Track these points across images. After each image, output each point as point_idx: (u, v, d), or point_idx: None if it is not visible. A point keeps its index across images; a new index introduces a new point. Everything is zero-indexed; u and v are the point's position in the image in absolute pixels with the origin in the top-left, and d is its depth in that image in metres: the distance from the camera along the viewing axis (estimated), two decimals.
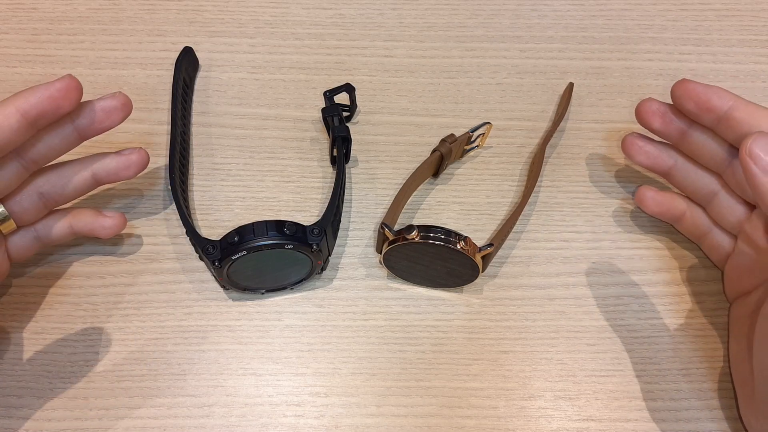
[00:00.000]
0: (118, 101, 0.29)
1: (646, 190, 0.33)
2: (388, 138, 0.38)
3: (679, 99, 0.29)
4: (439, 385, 0.30)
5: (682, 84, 0.29)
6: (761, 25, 0.43)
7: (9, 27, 0.41)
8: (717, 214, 0.31)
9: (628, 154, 0.33)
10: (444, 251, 0.29)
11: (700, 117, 0.29)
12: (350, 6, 0.43)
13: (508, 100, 0.39)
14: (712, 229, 0.32)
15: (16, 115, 0.26)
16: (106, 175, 0.31)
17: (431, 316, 0.32)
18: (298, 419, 0.29)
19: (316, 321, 0.32)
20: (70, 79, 0.27)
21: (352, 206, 0.35)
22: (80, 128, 0.29)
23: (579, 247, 0.34)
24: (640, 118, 0.32)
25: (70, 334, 0.31)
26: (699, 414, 0.30)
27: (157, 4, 0.43)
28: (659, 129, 0.31)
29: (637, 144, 0.33)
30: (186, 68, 0.38)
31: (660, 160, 0.32)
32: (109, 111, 0.29)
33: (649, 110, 0.31)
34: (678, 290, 0.33)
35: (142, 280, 0.33)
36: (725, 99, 0.28)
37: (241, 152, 0.37)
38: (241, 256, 0.28)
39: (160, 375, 0.30)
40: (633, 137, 0.33)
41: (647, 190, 0.33)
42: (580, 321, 0.32)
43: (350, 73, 0.40)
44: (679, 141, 0.31)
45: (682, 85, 0.29)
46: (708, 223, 0.32)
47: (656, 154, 0.32)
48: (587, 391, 0.30)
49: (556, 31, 0.42)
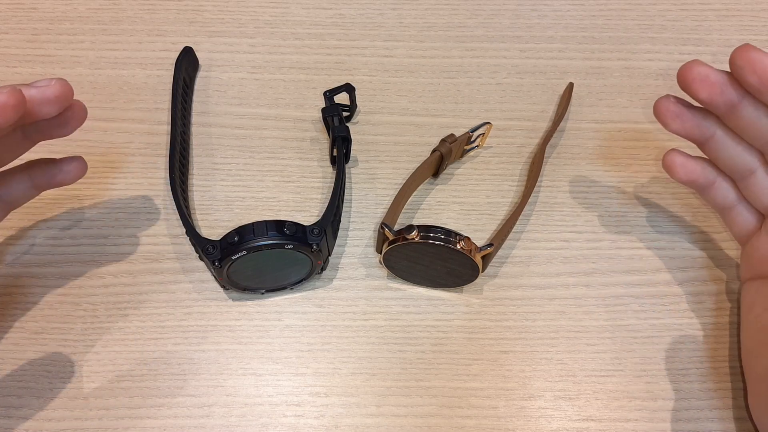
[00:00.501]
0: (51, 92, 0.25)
1: (675, 155, 0.30)
2: (388, 138, 0.38)
3: (740, 69, 0.25)
4: (439, 385, 0.30)
5: (745, 51, 0.25)
6: (761, 25, 0.43)
7: (9, 27, 0.41)
8: (750, 193, 0.29)
9: (663, 121, 0.28)
10: (444, 251, 0.29)
11: (761, 93, 0.25)
12: (350, 6, 0.43)
13: (508, 100, 0.39)
14: (739, 203, 0.30)
15: None
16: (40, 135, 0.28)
17: (431, 316, 0.32)
18: (298, 419, 0.29)
19: (316, 321, 0.32)
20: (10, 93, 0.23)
21: (352, 206, 0.35)
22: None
23: (579, 247, 0.34)
24: (685, 84, 0.26)
25: (70, 334, 0.31)
26: (699, 414, 0.30)
27: (157, 4, 0.43)
28: (706, 98, 0.26)
29: (673, 109, 0.28)
30: (186, 68, 0.38)
31: (699, 129, 0.28)
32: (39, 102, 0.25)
33: (698, 76, 0.26)
34: (678, 290, 0.33)
35: (142, 280, 0.33)
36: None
37: (241, 152, 0.37)
38: (241, 256, 0.28)
39: (160, 375, 0.30)
40: (667, 101, 0.28)
41: (676, 155, 0.30)
42: (580, 321, 0.32)
43: (350, 73, 0.40)
44: (726, 114, 0.27)
45: (745, 53, 0.25)
46: (735, 197, 0.30)
47: (695, 123, 0.28)
48: (587, 391, 0.30)
49: (556, 31, 0.42)
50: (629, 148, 0.38)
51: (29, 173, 0.30)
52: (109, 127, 0.37)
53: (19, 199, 0.30)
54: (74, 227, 0.34)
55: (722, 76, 0.26)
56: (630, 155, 0.37)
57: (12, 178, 0.29)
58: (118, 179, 0.36)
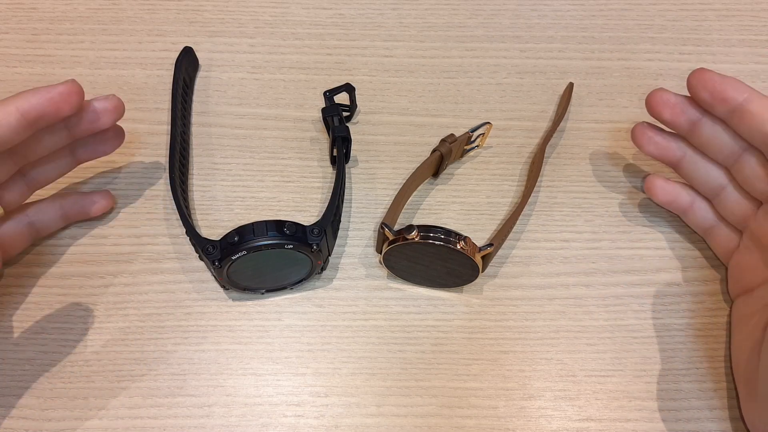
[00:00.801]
0: (110, 103, 0.29)
1: (655, 178, 0.33)
2: (388, 138, 0.38)
3: (694, 88, 0.29)
4: (439, 385, 0.30)
5: (699, 73, 0.29)
6: (761, 25, 0.43)
7: (9, 27, 0.41)
8: (723, 209, 0.31)
9: (638, 144, 0.32)
10: (444, 251, 0.29)
11: (713, 107, 0.29)
12: (350, 6, 0.43)
13: (508, 100, 0.39)
14: (717, 223, 0.32)
15: (15, 114, 0.26)
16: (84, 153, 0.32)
17: (431, 316, 0.32)
18: (298, 419, 0.29)
19: (316, 321, 0.32)
20: (72, 84, 0.27)
21: (352, 206, 0.35)
22: (71, 127, 0.29)
23: (579, 247, 0.34)
24: (650, 109, 0.31)
25: (70, 334, 0.31)
26: (699, 414, 0.30)
27: (157, 4, 0.43)
28: (669, 119, 0.30)
29: (647, 134, 0.32)
30: (186, 68, 0.38)
31: (669, 151, 0.32)
32: (101, 112, 0.29)
33: (660, 100, 0.30)
34: (678, 290, 0.33)
35: (142, 280, 0.33)
36: (740, 90, 0.28)
37: (241, 152, 0.37)
38: (241, 256, 0.28)
39: (160, 375, 0.30)
40: (643, 127, 0.32)
41: (656, 178, 0.33)
42: (580, 321, 0.32)
43: (350, 73, 0.40)
44: (689, 132, 0.31)
45: (699, 74, 0.28)
46: (714, 217, 0.32)
47: (666, 145, 0.32)
48: (587, 391, 0.30)
49: (556, 31, 0.42)
50: (629, 148, 0.38)
51: (61, 203, 0.32)
52: None
53: (48, 227, 0.32)
54: (74, 227, 0.34)
55: (681, 98, 0.30)
56: (630, 155, 0.37)
57: (44, 205, 0.32)
58: (118, 179, 0.36)
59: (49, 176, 0.31)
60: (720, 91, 0.28)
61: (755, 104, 0.27)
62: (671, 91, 0.30)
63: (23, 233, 0.31)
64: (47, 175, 0.31)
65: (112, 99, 0.30)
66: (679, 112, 0.30)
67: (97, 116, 0.29)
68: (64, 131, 0.29)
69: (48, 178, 0.31)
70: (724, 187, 0.31)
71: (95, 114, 0.29)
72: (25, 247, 0.32)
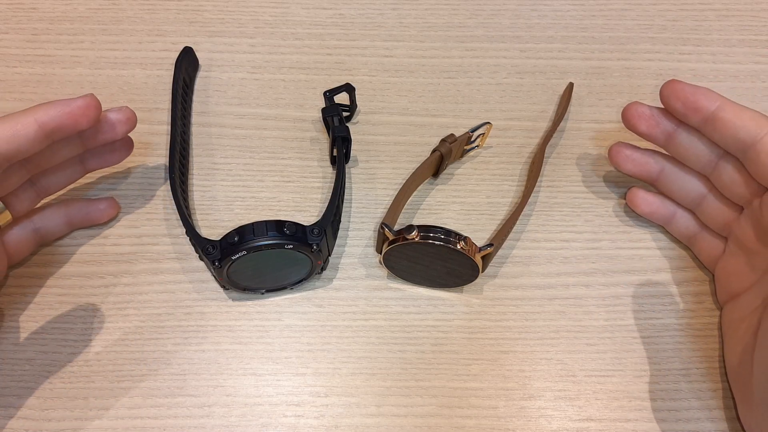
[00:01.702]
0: (123, 115, 0.30)
1: (637, 190, 0.34)
2: (388, 138, 0.38)
3: (667, 99, 0.29)
4: (439, 385, 0.30)
5: (670, 84, 0.29)
6: (761, 25, 0.43)
7: (9, 27, 0.41)
8: (706, 217, 0.32)
9: (615, 164, 0.33)
10: (444, 251, 0.29)
11: (687, 117, 0.29)
12: (350, 6, 0.43)
13: (508, 100, 0.39)
14: (701, 231, 0.33)
15: (34, 126, 0.26)
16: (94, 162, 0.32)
17: (431, 316, 0.32)
18: (298, 419, 0.29)
19: (316, 321, 0.32)
20: (91, 99, 0.27)
21: (352, 206, 0.35)
22: (86, 139, 0.30)
23: (579, 247, 0.34)
24: (626, 122, 0.31)
25: (70, 334, 0.31)
26: (699, 414, 0.30)
27: (157, 4, 0.43)
28: (645, 132, 0.31)
29: (624, 152, 0.33)
30: (186, 68, 0.38)
31: (648, 166, 0.32)
32: (115, 124, 0.30)
33: (635, 113, 0.31)
34: (678, 290, 0.33)
35: (142, 280, 0.33)
36: (712, 99, 0.28)
37: (241, 152, 0.37)
38: (241, 256, 0.28)
39: (160, 375, 0.30)
40: (618, 146, 0.33)
41: (638, 190, 0.34)
42: (580, 321, 0.32)
43: (350, 73, 0.40)
44: (665, 144, 0.31)
45: (670, 85, 0.29)
46: (697, 226, 0.33)
47: (643, 161, 0.32)
48: (587, 391, 0.30)
49: (556, 31, 0.42)
50: None
51: (66, 209, 0.32)
52: None
53: (53, 234, 0.32)
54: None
55: (656, 110, 0.31)
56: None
57: (50, 211, 0.32)
58: (118, 179, 0.36)
59: (58, 184, 0.32)
60: (692, 102, 0.28)
61: (727, 112, 0.28)
62: (646, 104, 0.31)
63: (29, 239, 0.31)
64: (57, 184, 0.31)
65: (125, 111, 0.30)
66: (654, 124, 0.31)
67: (111, 128, 0.30)
68: (78, 142, 0.30)
69: (57, 186, 0.32)
70: (704, 196, 0.31)
71: (109, 125, 0.30)
72: (30, 252, 0.32)
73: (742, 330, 0.29)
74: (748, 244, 0.29)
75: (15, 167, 0.28)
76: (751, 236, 0.29)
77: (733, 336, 0.30)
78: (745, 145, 0.27)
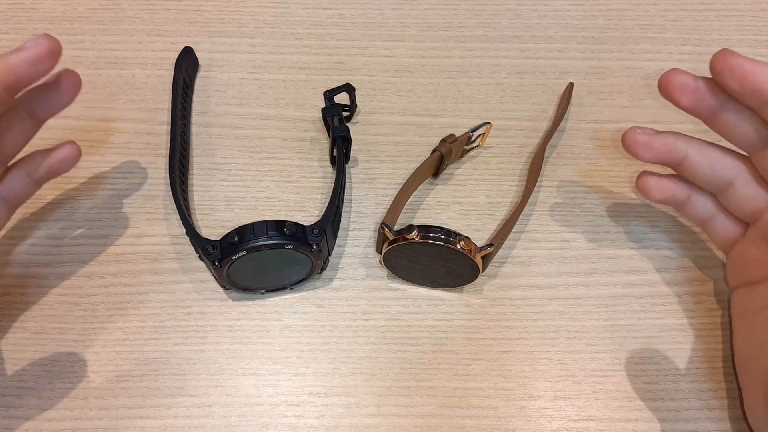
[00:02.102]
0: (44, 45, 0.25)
1: (647, 177, 0.30)
2: (388, 138, 0.38)
3: (720, 75, 0.25)
4: (439, 385, 0.30)
5: (725, 56, 0.25)
6: (761, 25, 0.43)
7: (9, 27, 0.41)
8: (732, 203, 0.29)
9: (634, 153, 0.29)
10: (444, 251, 0.29)
11: (743, 97, 0.25)
12: (350, 6, 0.43)
13: (508, 100, 0.39)
14: (718, 214, 0.30)
15: None
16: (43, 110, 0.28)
17: (431, 316, 0.32)
18: (298, 419, 0.29)
19: (316, 321, 0.32)
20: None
21: (352, 206, 0.35)
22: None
23: (579, 247, 0.34)
24: (665, 92, 0.27)
25: (70, 334, 0.31)
26: (699, 414, 0.30)
27: (157, 4, 0.43)
28: (688, 106, 0.27)
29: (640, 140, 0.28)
30: (186, 68, 0.38)
31: (671, 153, 0.28)
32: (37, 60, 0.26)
33: (678, 84, 0.26)
34: (678, 290, 0.33)
35: (142, 280, 0.33)
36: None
37: (241, 152, 0.37)
38: (241, 256, 0.28)
39: (160, 375, 0.30)
40: (633, 133, 0.28)
41: (648, 177, 0.30)
42: (580, 321, 0.32)
43: (350, 73, 0.40)
44: (709, 118, 0.27)
45: (726, 58, 0.25)
46: (713, 208, 0.30)
47: (666, 149, 0.28)
48: (587, 391, 0.30)
49: (556, 31, 0.42)
50: None
51: (25, 168, 0.30)
52: (109, 127, 0.37)
53: (20, 196, 0.30)
54: (74, 227, 0.34)
55: (702, 82, 0.26)
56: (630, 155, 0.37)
57: (9, 175, 0.29)
58: (118, 179, 0.36)
59: (15, 144, 0.28)
60: (752, 82, 0.24)
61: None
62: (690, 73, 0.26)
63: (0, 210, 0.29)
64: (13, 144, 0.28)
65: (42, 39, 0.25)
66: (700, 99, 0.26)
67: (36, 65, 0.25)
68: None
69: (15, 146, 0.29)
70: (732, 181, 0.28)
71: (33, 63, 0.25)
72: (5, 222, 0.30)
73: (759, 324, 0.27)
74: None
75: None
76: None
77: (746, 326, 0.29)
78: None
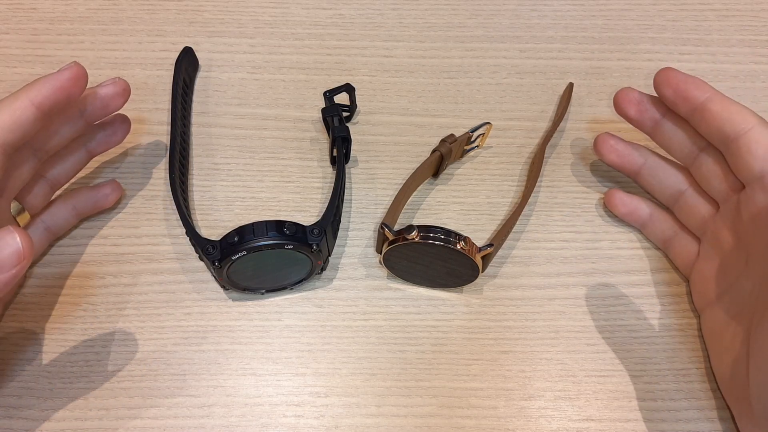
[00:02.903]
0: (118, 87, 0.30)
1: (615, 192, 0.34)
2: (388, 138, 0.38)
3: (659, 85, 0.30)
4: (439, 385, 0.30)
5: (664, 71, 0.30)
6: (761, 25, 0.43)
7: (9, 27, 0.41)
8: (683, 214, 0.32)
9: (600, 153, 0.34)
10: (444, 251, 0.29)
11: (676, 105, 0.29)
12: (350, 6, 0.43)
13: (508, 100, 0.39)
14: (677, 233, 0.33)
15: (31, 108, 0.26)
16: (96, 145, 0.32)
17: (431, 316, 0.32)
18: (298, 419, 0.29)
19: (316, 321, 0.32)
20: (77, 68, 0.27)
21: (352, 206, 0.35)
22: (87, 115, 0.30)
23: (579, 247, 0.34)
24: (617, 106, 0.32)
25: (70, 334, 0.31)
26: (699, 414, 0.30)
27: (157, 4, 0.43)
28: (634, 117, 0.32)
29: (609, 143, 0.33)
30: (186, 68, 0.38)
31: (631, 158, 0.33)
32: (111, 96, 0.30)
33: (626, 98, 0.31)
34: (678, 290, 0.33)
35: (142, 280, 0.33)
36: (703, 90, 0.28)
37: (241, 152, 0.37)
38: (241, 256, 0.28)
39: (160, 375, 0.30)
40: (605, 136, 0.34)
41: (616, 192, 0.34)
42: (580, 321, 0.32)
43: (350, 73, 0.40)
44: (651, 130, 0.32)
45: (664, 72, 0.30)
46: (673, 228, 0.33)
47: (627, 153, 0.33)
48: (587, 391, 0.30)
49: (556, 31, 0.42)
50: None
51: (72, 201, 0.32)
52: None
53: (62, 227, 0.33)
54: (74, 227, 0.34)
55: (646, 97, 0.31)
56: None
57: (54, 206, 0.32)
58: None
59: (67, 173, 0.32)
60: (683, 90, 0.29)
61: (716, 104, 0.28)
62: (636, 90, 0.32)
63: (42, 239, 0.32)
64: (65, 173, 0.32)
65: (119, 82, 0.30)
66: (644, 110, 0.31)
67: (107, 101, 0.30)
68: (79, 119, 0.30)
69: (67, 175, 0.32)
70: (682, 192, 0.32)
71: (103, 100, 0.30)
72: (43, 251, 0.32)
73: (728, 340, 0.28)
74: (723, 244, 0.29)
75: (24, 155, 0.28)
76: (725, 236, 0.29)
77: (718, 347, 0.29)
78: (728, 139, 0.28)
